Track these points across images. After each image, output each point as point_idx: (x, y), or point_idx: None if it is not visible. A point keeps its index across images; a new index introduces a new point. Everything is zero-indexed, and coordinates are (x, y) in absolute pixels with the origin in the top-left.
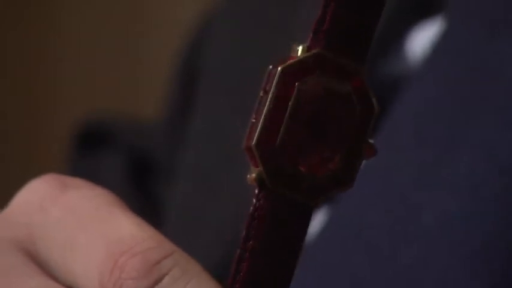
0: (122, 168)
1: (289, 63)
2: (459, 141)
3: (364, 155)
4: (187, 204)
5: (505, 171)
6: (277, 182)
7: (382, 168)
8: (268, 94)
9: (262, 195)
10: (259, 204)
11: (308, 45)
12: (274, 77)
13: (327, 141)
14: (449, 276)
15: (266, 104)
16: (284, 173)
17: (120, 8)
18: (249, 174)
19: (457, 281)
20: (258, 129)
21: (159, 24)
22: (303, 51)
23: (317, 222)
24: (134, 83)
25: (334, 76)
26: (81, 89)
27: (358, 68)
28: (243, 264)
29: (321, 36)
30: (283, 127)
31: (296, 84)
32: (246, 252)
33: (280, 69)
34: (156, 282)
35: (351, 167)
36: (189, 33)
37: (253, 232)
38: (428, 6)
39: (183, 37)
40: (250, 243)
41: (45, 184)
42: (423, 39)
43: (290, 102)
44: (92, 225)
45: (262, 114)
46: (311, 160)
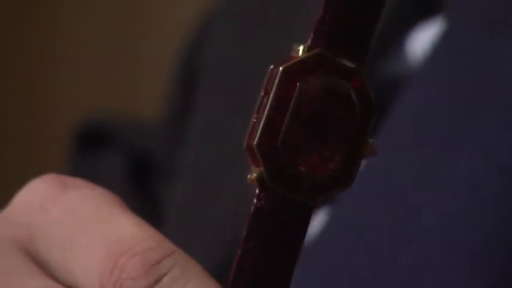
0: (122, 168)
1: (290, 63)
2: (459, 141)
3: (364, 154)
4: (187, 204)
5: (505, 171)
6: (278, 182)
7: (382, 168)
8: (270, 94)
9: (263, 195)
10: (260, 204)
11: (309, 45)
12: (275, 77)
13: (327, 141)
14: (449, 276)
15: (268, 103)
16: (285, 173)
17: (120, 8)
18: (250, 174)
19: (457, 281)
20: (259, 129)
21: (159, 24)
22: (304, 51)
23: (317, 222)
24: (134, 83)
25: (335, 76)
26: (81, 89)
27: (358, 68)
28: (244, 264)
29: (322, 36)
30: (284, 127)
31: (297, 84)
32: (247, 252)
33: (281, 69)
34: (156, 282)
35: (351, 167)
36: (189, 33)
37: (254, 232)
38: (428, 6)
39: (183, 37)
40: (250, 243)
41: (45, 184)
42: (423, 39)
43: (291, 102)
44: (92, 225)
45: (264, 114)
46: (311, 160)
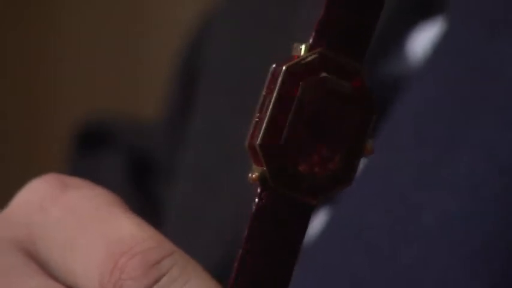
0: (122, 168)
1: (293, 62)
2: (459, 141)
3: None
4: (187, 204)
5: (505, 171)
6: (279, 181)
7: (382, 168)
8: (272, 93)
9: (264, 195)
10: (262, 204)
11: (311, 44)
12: (278, 76)
13: (327, 141)
14: (449, 276)
15: (270, 103)
16: (286, 173)
17: (120, 8)
18: (251, 173)
19: (457, 281)
20: (262, 129)
21: (159, 24)
22: (306, 50)
23: (317, 222)
24: (134, 83)
25: (336, 76)
26: (81, 89)
27: (358, 67)
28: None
29: (323, 35)
30: (287, 127)
31: (300, 83)
32: (248, 252)
33: (285, 68)
34: (155, 282)
35: (351, 166)
36: (189, 33)
37: (255, 231)
38: (428, 6)
39: (183, 37)
40: (251, 243)
41: (46, 184)
42: (424, 39)
43: (294, 102)
44: (92, 225)
45: (267, 113)
46: (311, 160)
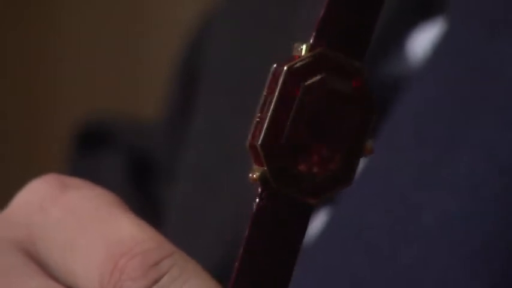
0: (122, 168)
1: (294, 62)
2: (459, 141)
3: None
4: (187, 204)
5: (505, 171)
6: (280, 181)
7: (382, 169)
8: (274, 93)
9: (265, 195)
10: (262, 204)
11: (311, 44)
12: (279, 76)
13: (327, 141)
14: (449, 276)
15: (272, 103)
16: (287, 173)
17: (120, 8)
18: (251, 173)
19: (457, 281)
20: (263, 129)
21: (159, 24)
22: (307, 50)
23: (318, 222)
24: (134, 83)
25: (336, 76)
26: (81, 89)
27: (358, 67)
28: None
29: (323, 35)
30: (288, 127)
31: (301, 83)
32: (249, 252)
33: (286, 68)
34: (155, 282)
35: (351, 166)
36: (189, 33)
37: (256, 231)
38: (428, 7)
39: (183, 37)
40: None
41: (46, 184)
42: (424, 40)
43: (295, 102)
44: (92, 226)
45: (268, 113)
46: (312, 160)
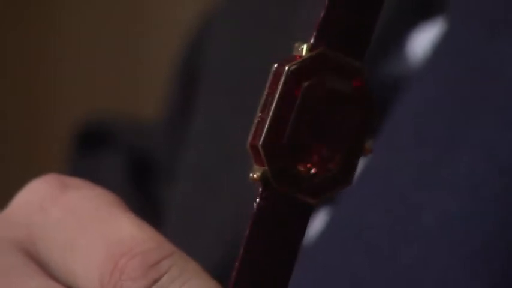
0: (122, 168)
1: (296, 62)
2: (459, 141)
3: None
4: (187, 204)
5: (505, 171)
6: (281, 181)
7: (382, 169)
8: (275, 93)
9: (265, 195)
10: (263, 204)
11: (312, 44)
12: (280, 76)
13: (327, 141)
14: (449, 276)
15: (273, 103)
16: (288, 173)
17: (120, 8)
18: (252, 173)
19: (457, 281)
20: (265, 129)
21: (159, 24)
22: (307, 50)
23: (318, 222)
24: (134, 83)
25: (336, 76)
26: (81, 89)
27: (359, 67)
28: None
29: (324, 35)
30: (289, 127)
31: (302, 84)
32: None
33: (287, 68)
34: (155, 282)
35: (350, 166)
36: (189, 33)
37: (256, 231)
38: (429, 7)
39: (183, 37)
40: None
41: (46, 184)
42: (424, 40)
43: (296, 102)
44: (92, 226)
45: (270, 113)
46: (312, 160)
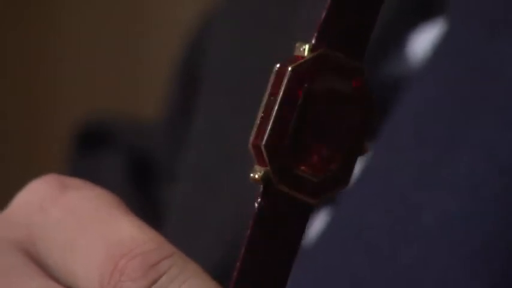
0: (122, 168)
1: (299, 63)
2: (459, 141)
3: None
4: (188, 204)
5: (505, 171)
6: (282, 181)
7: (383, 169)
8: (277, 94)
9: (267, 195)
10: (264, 204)
11: (313, 44)
12: (283, 77)
13: (328, 141)
14: (449, 276)
15: (276, 103)
16: (289, 173)
17: (120, 8)
18: (252, 173)
19: (457, 281)
20: (267, 129)
21: (159, 24)
22: (309, 50)
23: (318, 223)
24: (134, 83)
25: (337, 76)
26: (81, 89)
27: (359, 68)
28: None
29: (324, 36)
30: (291, 127)
31: (304, 84)
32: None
33: (290, 68)
34: (154, 282)
35: (350, 166)
36: (189, 33)
37: (257, 231)
38: (429, 7)
39: (183, 37)
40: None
41: (46, 185)
42: (424, 40)
43: (299, 102)
44: (92, 226)
45: (273, 114)
46: (312, 160)
